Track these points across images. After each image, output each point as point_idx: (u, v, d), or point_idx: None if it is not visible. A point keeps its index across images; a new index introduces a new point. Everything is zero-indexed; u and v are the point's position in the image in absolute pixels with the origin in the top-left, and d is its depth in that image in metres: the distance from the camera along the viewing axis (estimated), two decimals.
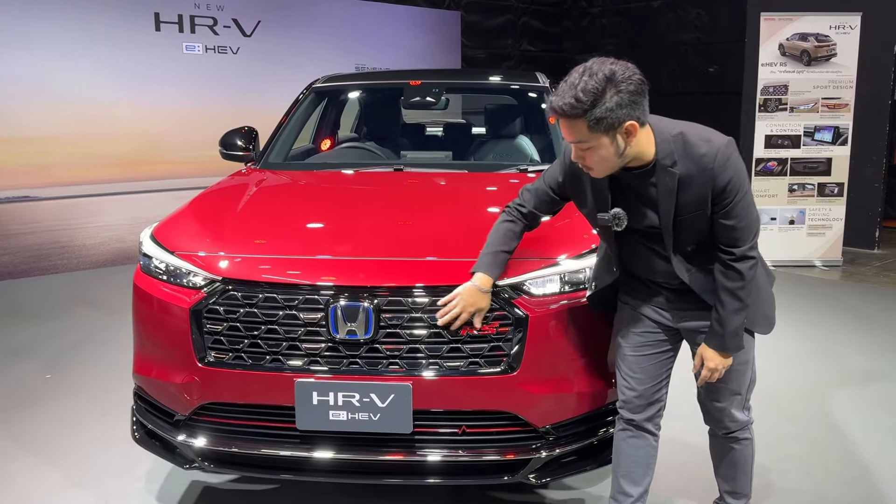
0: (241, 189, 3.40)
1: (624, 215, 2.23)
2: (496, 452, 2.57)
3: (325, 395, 2.50)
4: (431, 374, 2.50)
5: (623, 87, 2.00)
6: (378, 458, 2.57)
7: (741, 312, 2.24)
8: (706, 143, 2.12)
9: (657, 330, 2.43)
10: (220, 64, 8.11)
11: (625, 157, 2.10)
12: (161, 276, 2.76)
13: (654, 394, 2.47)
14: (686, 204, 2.15)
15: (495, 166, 3.79)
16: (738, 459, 2.56)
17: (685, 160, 2.12)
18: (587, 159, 2.12)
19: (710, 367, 2.31)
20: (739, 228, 2.17)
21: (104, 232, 7.52)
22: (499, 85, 4.58)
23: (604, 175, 2.18)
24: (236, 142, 4.02)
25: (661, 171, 2.14)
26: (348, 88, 4.70)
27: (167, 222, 3.03)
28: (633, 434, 2.50)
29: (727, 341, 2.26)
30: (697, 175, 2.11)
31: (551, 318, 2.54)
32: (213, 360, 2.60)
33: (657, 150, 2.13)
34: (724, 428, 2.51)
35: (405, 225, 2.91)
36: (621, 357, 2.50)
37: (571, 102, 2.01)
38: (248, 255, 2.69)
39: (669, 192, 2.14)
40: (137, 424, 2.88)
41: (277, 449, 2.61)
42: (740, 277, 2.20)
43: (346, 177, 3.64)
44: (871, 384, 4.37)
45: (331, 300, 2.49)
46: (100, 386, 4.29)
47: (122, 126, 7.49)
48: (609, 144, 2.05)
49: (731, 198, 2.12)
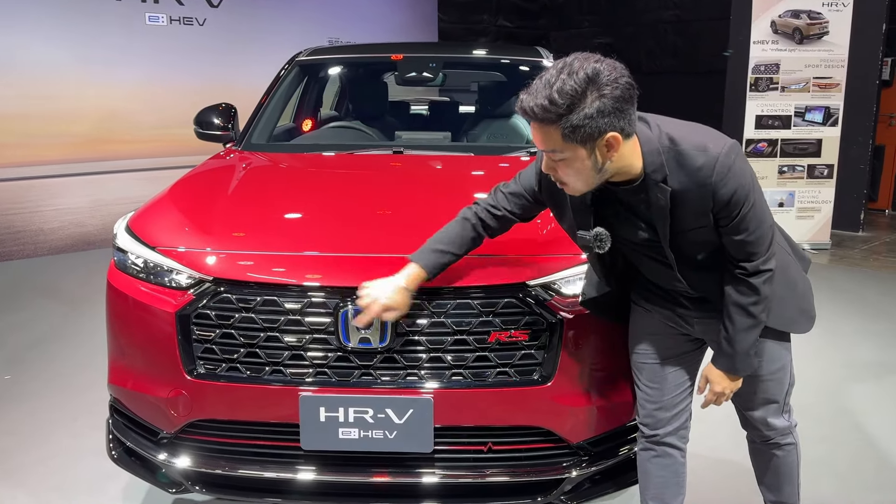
0: (226, 174, 3.05)
1: (607, 236, 1.92)
2: (526, 472, 2.30)
3: (335, 410, 2.20)
4: (455, 387, 2.21)
5: (607, 92, 1.67)
6: (394, 480, 2.29)
7: (753, 330, 1.97)
8: (702, 153, 1.78)
9: (678, 334, 2.17)
10: (185, 36, 7.65)
11: (604, 172, 1.78)
12: (140, 275, 2.42)
13: (678, 404, 2.21)
14: (684, 219, 1.85)
15: (503, 148, 3.49)
16: (782, 467, 2.32)
17: (678, 173, 1.80)
18: (559, 172, 1.80)
19: (715, 391, 2.05)
20: (751, 241, 1.86)
21: (63, 216, 7.05)
22: (500, 61, 4.25)
23: (579, 193, 1.86)
24: (213, 120, 3.66)
25: (651, 186, 1.81)
26: (336, 62, 4.33)
27: (145, 212, 2.68)
28: (656, 452, 2.25)
29: (737, 362, 2.00)
30: (693, 190, 1.79)
31: (588, 322, 2.26)
32: (204, 372, 2.28)
33: (645, 164, 1.80)
34: (763, 436, 2.27)
35: (421, 216, 2.60)
36: (638, 367, 2.23)
37: (544, 104, 1.67)
38: (243, 252, 2.36)
39: (662, 209, 1.83)
40: (114, 441, 2.55)
41: (278, 471, 2.30)
42: (754, 293, 1.92)
43: (344, 160, 3.30)
44: (886, 376, 4.20)
45: (341, 303, 2.18)
46: (68, 388, 3.93)
47: (80, 102, 7.02)
48: (586, 158, 1.73)
49: (738, 210, 1.81)
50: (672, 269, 1.99)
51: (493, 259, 2.28)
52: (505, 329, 2.21)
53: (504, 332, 2.21)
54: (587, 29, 11.65)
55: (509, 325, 2.21)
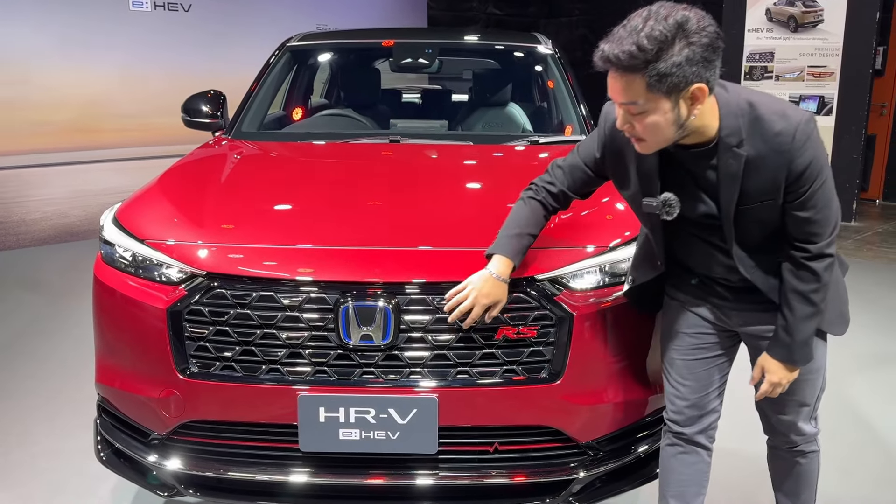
0: (217, 163, 2.94)
1: (676, 201, 1.84)
2: (534, 473, 2.21)
3: (335, 410, 2.10)
4: (460, 385, 2.12)
5: (695, 40, 1.60)
6: (396, 483, 2.19)
7: (813, 319, 1.89)
8: (782, 118, 1.73)
9: (714, 331, 2.09)
10: (170, 22, 7.47)
11: (684, 129, 1.71)
12: (128, 269, 2.31)
13: (708, 403, 2.13)
14: (752, 192, 1.78)
15: (503, 137, 3.38)
16: (804, 474, 2.24)
17: (755, 139, 1.73)
18: (637, 127, 1.71)
19: (772, 381, 1.96)
20: (816, 221, 1.79)
21: (45, 206, 6.88)
22: (499, 47, 4.13)
23: (654, 150, 1.78)
24: (202, 108, 3.54)
25: (724, 150, 1.75)
26: (329, 48, 4.20)
27: (133, 203, 2.56)
28: (683, 449, 2.17)
29: (795, 352, 1.91)
30: (770, 157, 1.73)
31: (598, 316, 2.18)
32: (197, 371, 2.17)
33: (721, 126, 1.74)
34: (790, 442, 2.18)
35: (424, 208, 2.50)
36: (670, 362, 2.15)
37: (631, 51, 1.60)
38: (238, 245, 2.25)
39: (733, 177, 1.76)
40: (103, 443, 2.44)
41: (275, 474, 2.20)
42: (815, 279, 1.84)
43: (340, 149, 3.18)
44: (886, 368, 4.16)
45: (341, 299, 2.08)
46: (51, 384, 3.80)
47: (62, 90, 6.83)
48: (668, 110, 1.66)
49: (809, 185, 1.75)
50: (723, 252, 1.91)
51: None
52: (513, 325, 2.12)
53: (512, 327, 2.12)
54: (577, 17, 11.55)
55: (517, 321, 2.12)
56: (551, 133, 3.61)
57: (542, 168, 2.97)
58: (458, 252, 2.21)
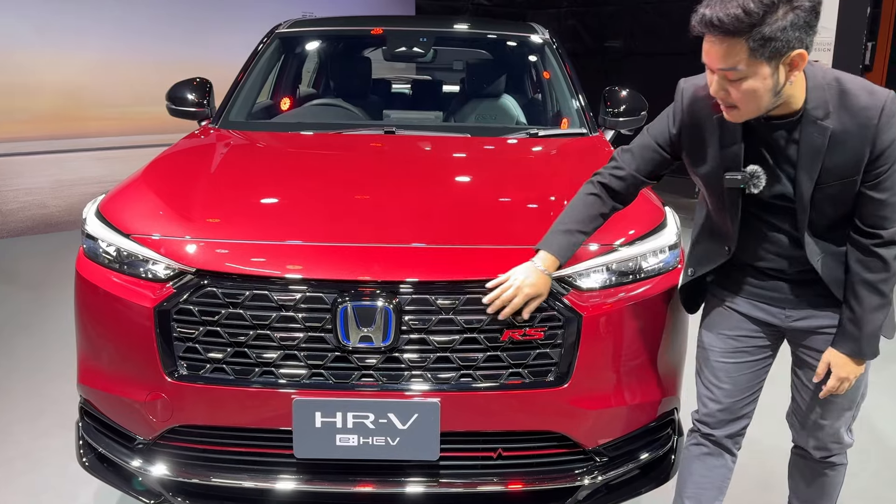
0: (205, 154, 2.81)
1: (763, 173, 1.80)
2: (538, 480, 2.13)
3: (332, 415, 2.00)
4: (463, 389, 2.03)
5: (799, 3, 1.58)
6: (395, 491, 2.10)
7: (882, 310, 1.84)
8: (869, 94, 1.71)
9: (758, 333, 2.01)
10: (151, 6, 7.27)
11: (779, 97, 1.69)
12: (112, 265, 2.20)
13: (743, 408, 2.06)
14: (833, 168, 1.74)
15: (500, 129, 3.28)
16: (828, 486, 2.16)
17: (840, 112, 1.71)
18: (733, 94, 1.68)
19: (840, 376, 1.88)
20: (891, 204, 1.76)
21: (24, 196, 6.69)
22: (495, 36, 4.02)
23: (746, 119, 1.74)
24: (187, 96, 3.41)
25: (808, 123, 1.73)
26: (319, 35, 4.07)
27: (117, 195, 2.44)
28: (709, 451, 2.10)
29: (864, 345, 1.85)
30: (854, 132, 1.71)
31: (608, 317, 2.09)
32: (186, 374, 2.06)
33: (808, 98, 1.73)
34: (825, 450, 2.09)
35: (425, 202, 2.39)
36: (706, 363, 2.08)
37: (737, 14, 1.57)
38: (230, 241, 2.14)
39: (816, 151, 1.74)
40: (85, 447, 2.32)
41: (268, 481, 2.10)
42: (884, 267, 1.79)
43: (333, 140, 3.06)
44: (885, 368, 4.10)
45: (340, 299, 1.97)
46: (31, 382, 3.66)
47: (42, 77, 6.62)
48: (768, 76, 1.64)
49: (889, 164, 1.73)
50: (790, 238, 1.86)
51: (504, 250, 2.10)
52: (518, 326, 2.03)
53: (517, 329, 2.03)
54: (566, 8, 11.45)
55: (523, 322, 2.03)
56: (549, 124, 3.52)
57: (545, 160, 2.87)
58: (463, 250, 2.12)
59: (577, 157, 2.95)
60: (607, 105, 3.39)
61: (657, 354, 2.21)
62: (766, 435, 2.82)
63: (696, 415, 2.13)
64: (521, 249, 2.09)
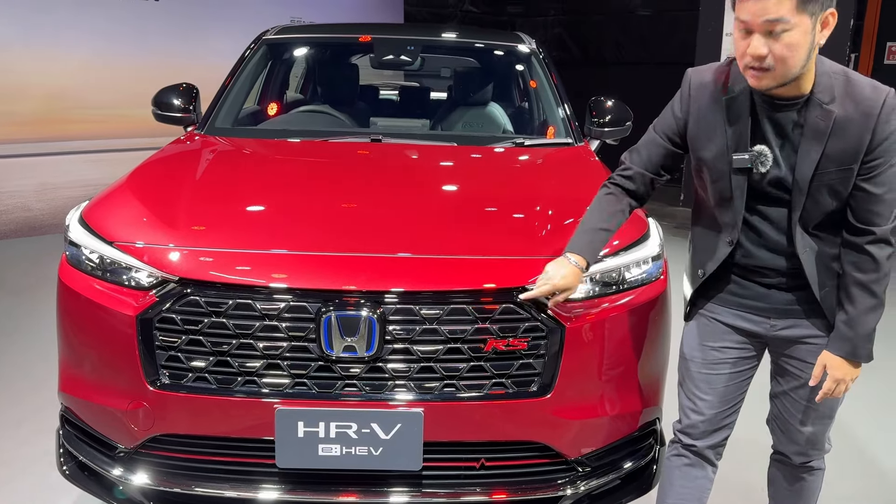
0: (190, 161, 2.81)
1: (769, 153, 1.83)
2: (521, 489, 2.13)
3: (314, 425, 2.00)
4: (447, 399, 2.03)
5: None
6: (379, 501, 2.10)
7: (875, 311, 1.86)
8: (872, 86, 1.79)
9: (741, 344, 2.02)
10: (139, 11, 7.25)
11: (808, 62, 1.73)
12: (95, 273, 2.19)
13: (725, 419, 2.08)
14: (833, 154, 1.79)
15: (486, 138, 3.29)
16: (806, 491, 2.18)
17: (845, 100, 1.77)
18: (776, 50, 1.69)
19: (836, 378, 1.90)
20: (885, 201, 1.80)
21: (7, 199, 6.64)
22: (482, 45, 4.04)
23: (778, 81, 1.74)
24: (173, 101, 3.40)
25: (814, 107, 1.79)
26: (307, 42, 4.07)
27: (101, 202, 2.42)
28: (690, 462, 2.11)
29: (858, 347, 1.87)
30: (856, 119, 1.77)
31: (590, 328, 2.10)
32: (168, 383, 2.05)
33: (815, 82, 1.79)
34: (804, 456, 2.11)
35: (411, 211, 2.40)
36: (689, 374, 2.09)
37: None
38: (213, 249, 2.13)
39: (819, 134, 1.78)
40: (66, 455, 2.30)
41: (250, 491, 2.09)
42: (876, 268, 1.83)
43: (319, 148, 3.06)
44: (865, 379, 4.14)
45: (323, 308, 1.97)
46: (11, 389, 3.63)
47: (26, 79, 6.59)
48: (808, 31, 1.69)
49: (885, 158, 1.78)
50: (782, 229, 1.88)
51: (489, 261, 2.11)
52: (502, 336, 2.03)
53: (501, 339, 2.03)
54: (554, 17, 11.52)
55: (506, 333, 2.03)
56: (535, 133, 3.54)
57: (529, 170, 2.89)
58: (447, 260, 2.12)
59: (561, 167, 2.96)
60: (593, 115, 3.41)
61: (639, 365, 2.22)
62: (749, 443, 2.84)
63: (679, 425, 2.14)
64: (504, 260, 2.11)
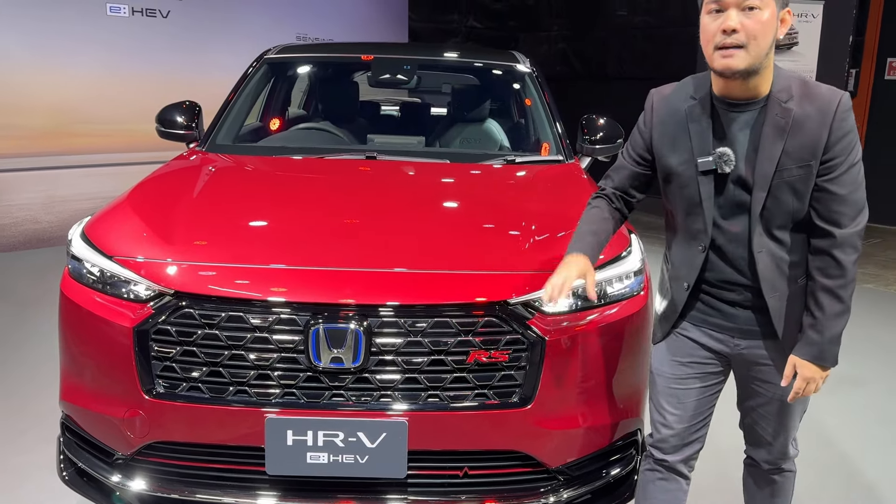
0: (189, 178, 2.90)
1: (731, 154, 1.89)
2: (504, 497, 2.20)
3: (303, 433, 2.08)
4: (431, 409, 2.11)
5: None
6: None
7: (842, 317, 1.91)
8: (828, 89, 1.88)
9: (709, 359, 2.08)
10: (147, 28, 7.39)
11: (770, 53, 1.82)
12: (95, 286, 2.28)
13: (695, 433, 2.13)
14: (793, 152, 1.85)
15: (479, 156, 3.38)
16: (778, 493, 2.25)
17: (802, 100, 1.85)
18: (750, 26, 1.77)
19: (805, 376, 1.93)
20: (846, 201, 1.85)
21: (16, 211, 6.76)
22: (476, 64, 4.13)
23: (747, 62, 1.79)
24: (176, 119, 3.50)
25: (773, 105, 1.86)
26: (306, 61, 4.18)
27: (102, 217, 2.52)
28: (662, 476, 2.17)
29: (825, 351, 1.92)
30: (814, 116, 1.84)
31: (571, 342, 2.17)
32: (163, 392, 2.14)
33: (773, 84, 1.87)
34: (773, 463, 2.19)
35: (397, 228, 2.48)
36: (659, 390, 2.15)
37: None
38: (208, 264, 2.22)
39: (779, 132, 1.85)
40: (66, 461, 2.39)
41: (242, 497, 2.17)
42: (842, 273, 1.87)
43: (314, 165, 3.16)
44: (854, 391, 4.20)
45: (312, 321, 2.06)
46: (16, 397, 3.72)
47: (36, 94, 6.72)
48: (773, 18, 1.80)
49: (844, 157, 1.84)
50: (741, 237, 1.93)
51: (472, 276, 2.19)
52: (484, 349, 2.11)
53: (483, 351, 2.11)
54: (557, 32, 11.63)
55: (489, 345, 2.11)
56: (528, 150, 3.62)
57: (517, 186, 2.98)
58: (432, 274, 2.19)
59: (548, 184, 3.04)
60: (584, 132, 3.49)
61: (620, 377, 2.29)
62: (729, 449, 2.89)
63: (650, 439, 2.19)
64: (487, 275, 2.18)
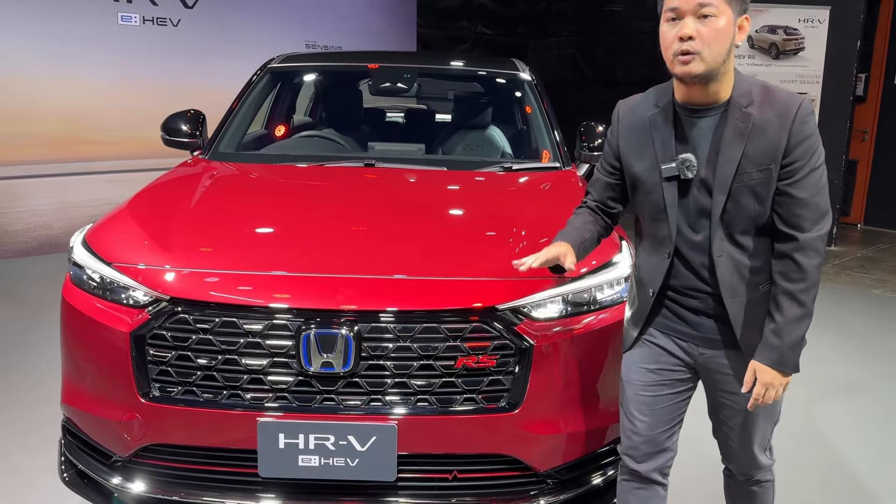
0: (189, 186, 2.96)
1: (694, 160, 1.92)
2: (493, 501, 2.24)
3: (294, 437, 2.13)
4: (420, 413, 2.15)
5: None
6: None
7: (803, 321, 1.88)
8: (788, 94, 1.91)
9: (677, 366, 2.09)
10: (158, 37, 7.50)
11: (729, 58, 1.85)
12: (96, 292, 2.34)
13: (665, 441, 2.13)
14: (753, 155, 1.86)
15: (479, 163, 3.42)
16: (758, 502, 2.27)
17: (763, 105, 1.87)
18: (705, 33, 1.81)
19: (764, 382, 1.92)
20: (807, 205, 1.85)
21: (30, 217, 6.87)
22: (477, 73, 4.18)
23: (705, 68, 1.83)
24: (181, 127, 3.57)
25: (734, 110, 1.89)
26: (308, 70, 4.25)
27: (103, 225, 2.59)
28: (639, 485, 2.17)
29: (785, 356, 1.90)
30: (774, 121, 1.85)
31: (559, 347, 2.21)
32: (159, 395, 2.19)
33: (734, 88, 1.90)
34: (747, 473, 2.20)
35: (389, 235, 2.52)
36: (628, 397, 2.14)
37: None
38: (203, 270, 2.27)
39: (739, 136, 1.86)
40: (66, 463, 2.45)
41: (235, 499, 2.22)
42: (803, 277, 1.86)
43: (312, 173, 3.21)
44: (855, 396, 4.20)
45: (303, 326, 2.10)
46: (23, 401, 3.79)
47: (49, 102, 6.83)
48: (730, 24, 1.83)
49: (805, 161, 1.84)
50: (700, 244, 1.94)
51: (461, 282, 2.23)
52: (473, 354, 2.15)
53: (472, 357, 2.15)
54: (566, 38, 11.67)
55: (477, 350, 2.15)
56: (524, 157, 3.66)
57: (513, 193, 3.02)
58: (420, 281, 2.24)
59: (544, 190, 3.08)
60: (583, 139, 3.53)
61: (608, 383, 2.32)
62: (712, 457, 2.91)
63: (621, 448, 2.18)
64: (475, 281, 2.22)
